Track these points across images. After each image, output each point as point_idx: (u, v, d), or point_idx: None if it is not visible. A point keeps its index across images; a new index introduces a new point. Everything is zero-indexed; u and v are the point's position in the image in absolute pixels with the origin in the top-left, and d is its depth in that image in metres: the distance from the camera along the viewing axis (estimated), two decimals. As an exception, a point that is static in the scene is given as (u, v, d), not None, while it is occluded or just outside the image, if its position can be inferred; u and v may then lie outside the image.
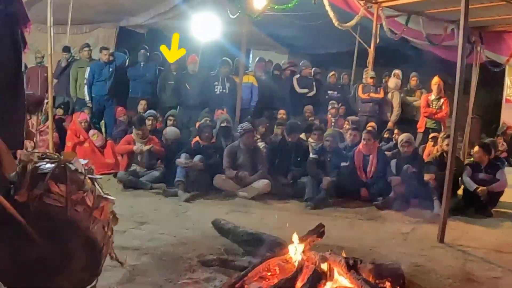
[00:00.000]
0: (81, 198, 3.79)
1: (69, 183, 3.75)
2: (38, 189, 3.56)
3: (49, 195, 3.62)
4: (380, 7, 13.78)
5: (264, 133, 12.02)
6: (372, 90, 14.03)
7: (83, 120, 12.09)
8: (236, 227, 6.86)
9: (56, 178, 3.71)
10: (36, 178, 3.62)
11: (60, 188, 3.68)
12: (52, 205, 3.62)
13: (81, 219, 3.79)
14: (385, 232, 8.20)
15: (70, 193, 3.72)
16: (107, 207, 4.06)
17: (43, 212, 3.59)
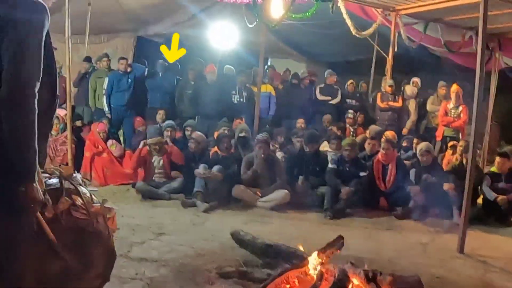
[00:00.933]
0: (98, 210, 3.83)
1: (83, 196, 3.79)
2: (63, 204, 3.58)
3: (76, 208, 3.65)
4: (398, 15, 13.74)
5: (283, 143, 12.00)
6: (390, 98, 13.97)
7: (101, 130, 12.12)
8: (254, 238, 6.84)
9: (73, 192, 3.74)
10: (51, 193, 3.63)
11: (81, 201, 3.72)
12: (80, 218, 3.65)
13: (103, 229, 3.84)
14: (404, 242, 8.16)
15: (88, 205, 3.75)
16: (115, 217, 4.10)
17: (73, 225, 3.62)
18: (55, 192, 3.64)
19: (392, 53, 14.38)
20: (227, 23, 14.33)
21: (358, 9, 13.96)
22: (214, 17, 15.54)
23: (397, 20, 13.76)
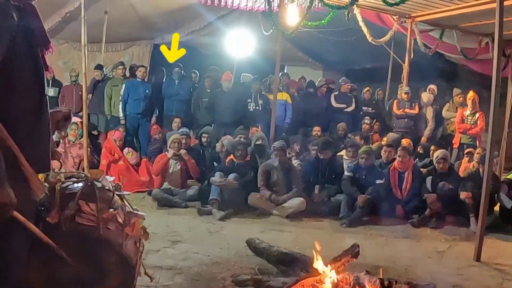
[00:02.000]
0: (112, 216, 3.81)
1: (99, 202, 3.77)
2: (69, 210, 3.58)
3: (81, 214, 3.64)
4: (414, 22, 13.74)
5: (299, 151, 11.99)
6: (407, 105, 13.94)
7: (117, 138, 12.17)
8: (270, 246, 6.84)
9: (86, 197, 3.73)
10: (65, 198, 3.64)
11: (91, 207, 3.71)
12: (84, 224, 3.63)
13: (113, 236, 3.80)
14: (420, 250, 8.11)
15: (101, 211, 3.74)
16: (138, 223, 4.07)
17: (76, 232, 3.61)
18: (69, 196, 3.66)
19: (408, 60, 14.36)
20: (243, 31, 14.34)
21: (374, 16, 13.98)
22: (230, 24, 15.60)
23: (413, 27, 13.77)
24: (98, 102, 14.39)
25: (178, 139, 11.18)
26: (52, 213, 3.44)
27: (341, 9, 11.39)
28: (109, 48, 16.89)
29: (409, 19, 13.79)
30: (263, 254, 6.84)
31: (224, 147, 11.49)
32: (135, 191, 11.42)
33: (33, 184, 3.17)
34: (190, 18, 16.04)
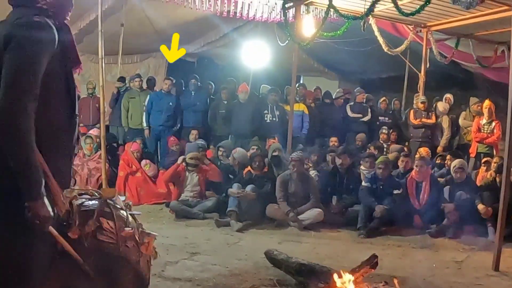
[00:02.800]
0: (130, 234, 3.86)
1: (116, 220, 3.82)
2: (89, 226, 3.62)
3: (102, 231, 3.68)
4: (429, 31, 13.74)
5: (316, 162, 12.00)
6: (423, 115, 13.89)
7: (135, 150, 12.22)
8: (288, 257, 6.86)
9: (104, 215, 3.78)
10: (82, 214, 3.68)
11: (110, 225, 3.75)
12: (105, 241, 3.67)
13: (131, 254, 3.85)
14: (439, 260, 8.08)
15: (119, 229, 3.78)
16: (152, 242, 4.12)
17: (97, 248, 3.64)
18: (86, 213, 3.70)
19: (424, 70, 14.36)
20: (259, 42, 14.40)
21: (390, 26, 14.00)
22: (246, 36, 15.64)
23: (428, 36, 13.77)
24: (118, 114, 14.49)
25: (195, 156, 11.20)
26: (73, 229, 3.48)
27: (356, 20, 11.40)
28: (125, 60, 17.01)
29: (424, 28, 13.78)
30: (281, 265, 6.86)
31: (236, 160, 11.50)
32: (153, 203, 11.50)
33: (58, 200, 3.22)
34: (206, 29, 16.11)
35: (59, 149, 3.29)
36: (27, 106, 2.97)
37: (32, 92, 3.01)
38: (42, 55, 3.08)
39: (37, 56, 3.05)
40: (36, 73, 3.03)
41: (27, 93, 2.98)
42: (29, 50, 3.03)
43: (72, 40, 3.40)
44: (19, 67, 2.99)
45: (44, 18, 3.17)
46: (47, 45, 3.12)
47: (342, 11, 11.45)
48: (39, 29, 3.10)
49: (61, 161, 3.33)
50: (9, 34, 3.06)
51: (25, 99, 2.97)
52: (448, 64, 14.63)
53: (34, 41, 3.06)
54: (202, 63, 18.93)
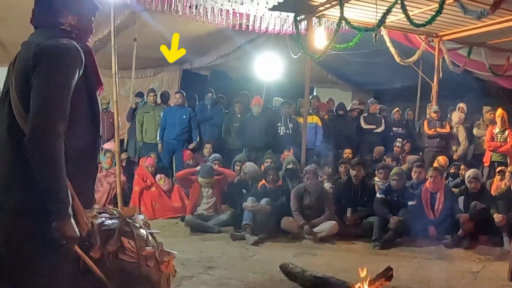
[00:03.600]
0: (151, 254, 3.87)
1: (137, 239, 3.83)
2: (111, 246, 3.64)
3: (124, 251, 3.68)
4: (441, 41, 13.79)
5: (330, 174, 12.00)
6: (437, 125, 13.84)
7: (149, 164, 12.27)
8: (304, 271, 6.89)
9: (124, 234, 3.76)
10: (103, 234, 3.69)
11: (131, 244, 3.76)
12: (127, 261, 3.67)
13: (152, 273, 3.84)
14: (454, 271, 8.07)
15: (140, 248, 3.79)
16: (172, 261, 4.13)
17: (119, 268, 3.66)
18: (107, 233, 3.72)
19: (437, 79, 14.38)
20: (271, 54, 14.44)
21: (402, 37, 14.05)
22: (259, 48, 15.70)
23: (440, 46, 13.83)
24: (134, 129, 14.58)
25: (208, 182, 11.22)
26: (95, 248, 3.50)
27: (368, 31, 11.44)
28: (139, 75, 17.08)
29: (436, 38, 13.83)
30: (296, 278, 6.89)
31: (247, 174, 11.53)
32: (168, 217, 11.52)
33: (81, 219, 3.25)
34: (219, 42, 16.20)
35: (84, 170, 3.33)
36: (58, 127, 3.01)
37: (63, 113, 3.05)
38: (71, 77, 3.13)
39: (66, 78, 3.10)
40: (66, 95, 3.08)
41: (58, 114, 3.03)
42: (59, 72, 3.08)
43: (95, 61, 3.44)
44: (51, 90, 3.04)
45: (70, 40, 3.22)
46: (76, 67, 3.17)
47: (353, 22, 11.52)
48: (68, 52, 3.15)
49: (85, 181, 3.37)
50: (38, 55, 3.10)
51: (57, 120, 3.02)
52: (461, 73, 14.63)
53: (64, 63, 3.11)
54: (216, 76, 18.98)
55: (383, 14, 10.54)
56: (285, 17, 13.58)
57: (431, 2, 10.80)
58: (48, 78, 3.05)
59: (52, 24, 3.31)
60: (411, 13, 10.55)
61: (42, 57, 3.09)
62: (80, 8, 3.40)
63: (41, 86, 3.05)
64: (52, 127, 2.99)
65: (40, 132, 2.98)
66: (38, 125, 2.99)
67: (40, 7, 3.37)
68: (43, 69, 3.06)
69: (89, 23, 3.49)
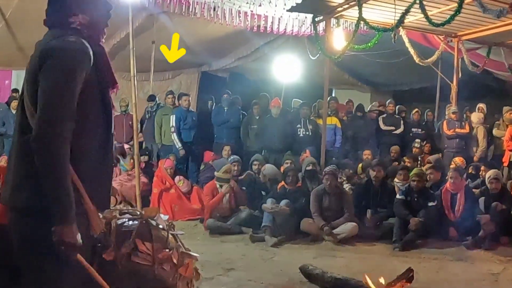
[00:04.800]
0: (168, 256, 3.82)
1: (154, 241, 3.79)
2: (125, 248, 3.60)
3: (137, 253, 3.63)
4: (460, 41, 13.73)
5: (350, 175, 11.96)
6: (457, 125, 13.77)
7: (168, 166, 12.27)
8: (323, 272, 6.87)
9: (142, 236, 3.71)
10: (120, 235, 3.66)
11: (147, 246, 3.72)
12: (140, 263, 3.63)
13: (168, 277, 3.79)
14: (475, 273, 8.01)
15: (157, 251, 3.73)
16: (192, 264, 4.09)
17: (131, 270, 3.62)
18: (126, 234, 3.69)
19: (456, 80, 14.32)
20: (290, 56, 14.43)
21: (420, 37, 14.01)
22: (277, 50, 15.73)
23: (459, 45, 13.77)
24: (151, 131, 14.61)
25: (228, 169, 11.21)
26: (108, 250, 3.48)
27: (387, 31, 11.42)
28: (157, 77, 17.11)
29: (455, 38, 13.78)
30: (316, 280, 6.87)
31: (266, 176, 11.50)
32: (187, 219, 11.53)
33: (93, 220, 3.22)
34: (237, 44, 16.22)
35: (97, 169, 3.31)
36: (63, 129, 2.98)
37: (67, 113, 3.02)
38: (77, 75, 3.09)
39: (72, 76, 3.06)
40: (71, 93, 3.05)
41: (62, 115, 3.00)
42: (64, 70, 3.05)
43: (107, 60, 3.41)
44: (54, 88, 3.02)
45: (79, 38, 3.19)
46: (82, 65, 3.13)
47: (372, 23, 11.50)
48: (74, 49, 3.12)
49: (99, 181, 3.34)
50: (43, 55, 3.09)
51: (61, 121, 2.98)
52: (480, 73, 14.56)
53: (68, 61, 3.08)
54: (234, 79, 18.99)
55: (402, 14, 10.51)
56: (303, 18, 13.58)
57: (450, 2, 10.77)
58: (52, 77, 3.04)
59: (62, 24, 3.29)
60: (429, 13, 10.52)
61: (47, 56, 3.08)
62: (93, 7, 3.37)
63: (46, 85, 3.04)
64: (56, 128, 2.97)
65: (44, 132, 2.97)
66: (42, 125, 2.97)
67: (51, 7, 3.36)
68: (48, 68, 3.05)
69: (102, 23, 3.45)
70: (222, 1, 12.45)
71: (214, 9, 12.64)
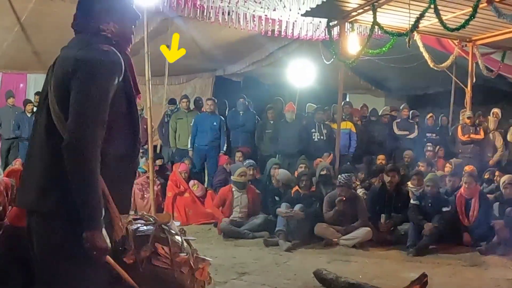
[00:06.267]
0: (185, 260, 3.85)
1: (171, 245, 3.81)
2: (144, 251, 3.62)
3: (157, 257, 3.66)
4: (475, 45, 13.70)
5: (364, 179, 11.94)
6: (472, 130, 13.70)
7: (183, 170, 12.30)
8: (337, 277, 6.87)
9: (159, 240, 3.72)
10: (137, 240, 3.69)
11: (165, 250, 3.74)
12: (160, 267, 3.63)
13: (186, 280, 3.80)
14: (489, 278, 7.98)
15: (174, 255, 3.77)
16: (207, 268, 4.11)
17: (152, 274, 3.64)
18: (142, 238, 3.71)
19: (470, 84, 14.28)
20: (304, 61, 14.42)
21: (435, 42, 13.99)
22: (291, 54, 15.73)
23: (474, 50, 13.73)
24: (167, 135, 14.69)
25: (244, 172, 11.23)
26: (129, 254, 3.49)
27: (401, 36, 11.41)
28: (172, 81, 17.18)
29: (469, 42, 13.75)
30: (330, 285, 6.88)
31: (279, 181, 11.49)
32: (201, 223, 11.55)
33: (116, 225, 3.25)
34: (251, 49, 16.25)
35: (122, 176, 3.33)
36: (96, 135, 3.01)
37: (101, 121, 3.05)
38: (111, 84, 3.12)
39: (106, 85, 3.09)
40: (104, 101, 3.07)
41: (96, 122, 3.03)
42: (99, 79, 3.07)
43: (133, 69, 3.44)
44: (89, 96, 3.03)
45: (111, 48, 3.22)
46: (115, 74, 3.16)
47: (386, 27, 11.51)
48: (108, 58, 3.14)
49: (123, 187, 3.36)
50: (77, 61, 3.10)
51: (94, 127, 3.01)
52: (494, 78, 14.52)
53: (103, 70, 3.10)
54: (248, 83, 19.01)
55: (416, 18, 10.51)
56: (317, 22, 13.59)
57: (464, 6, 10.77)
58: (86, 85, 3.05)
59: (93, 30, 3.31)
60: (444, 17, 10.52)
61: (82, 63, 3.09)
62: (122, 16, 3.40)
63: (80, 93, 3.05)
64: (89, 135, 2.99)
65: (77, 139, 2.98)
66: (75, 132, 2.99)
67: (81, 11, 3.36)
68: (82, 75, 3.06)
69: (129, 31, 3.49)
70: (237, 5, 12.47)
71: (228, 14, 12.68)
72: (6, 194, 6.85)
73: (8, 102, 15.47)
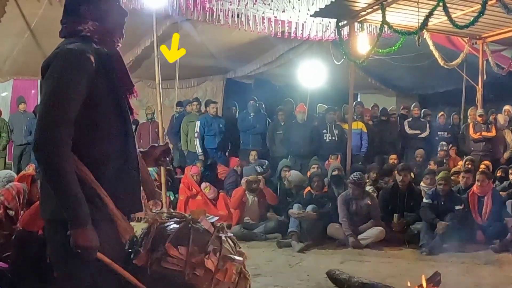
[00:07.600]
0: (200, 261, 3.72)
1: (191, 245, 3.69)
2: (157, 252, 3.56)
3: (167, 258, 3.58)
4: (485, 43, 13.66)
5: (376, 179, 11.92)
6: (483, 128, 13.65)
7: (195, 173, 12.27)
8: (350, 277, 6.86)
9: (178, 240, 3.57)
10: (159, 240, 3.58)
11: (180, 251, 3.63)
12: (169, 269, 3.52)
13: (201, 282, 3.60)
14: (503, 276, 7.96)
15: (191, 255, 3.64)
16: (232, 269, 3.91)
17: (160, 276, 3.57)
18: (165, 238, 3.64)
19: (481, 82, 14.22)
20: (314, 61, 14.40)
21: (445, 40, 13.95)
22: (302, 55, 15.72)
23: (484, 47, 13.68)
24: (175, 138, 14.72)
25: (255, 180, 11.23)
26: (140, 255, 3.45)
27: (411, 35, 11.39)
28: (183, 85, 17.20)
29: (480, 40, 13.71)
30: (343, 285, 6.87)
31: (291, 183, 11.47)
32: (214, 226, 11.54)
33: (120, 226, 3.23)
34: (262, 51, 16.26)
35: (118, 173, 3.31)
36: (60, 135, 2.99)
37: (66, 120, 3.02)
38: (75, 82, 3.08)
39: (68, 84, 3.06)
40: (69, 100, 3.04)
41: (59, 121, 3.01)
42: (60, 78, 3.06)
43: (123, 65, 3.42)
44: (51, 96, 3.04)
45: (81, 44, 3.19)
46: (81, 71, 3.11)
47: (396, 26, 11.48)
48: (70, 54, 3.12)
49: (123, 185, 3.33)
50: (45, 65, 3.15)
51: (58, 127, 2.99)
52: (505, 75, 14.45)
53: (64, 66, 3.09)
54: (259, 85, 19.00)
55: (425, 17, 10.48)
56: (327, 23, 13.59)
57: (473, 4, 10.74)
58: (49, 86, 3.07)
59: (72, 32, 3.31)
60: (453, 15, 10.50)
61: (46, 65, 3.13)
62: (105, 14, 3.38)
63: (43, 92, 3.09)
64: (52, 135, 2.98)
65: (42, 139, 2.99)
66: (39, 133, 3.00)
67: (65, 17, 3.39)
68: (47, 75, 3.10)
69: (115, 28, 3.45)
70: (246, 7, 12.48)
71: (238, 16, 12.70)
72: (18, 199, 6.87)
73: (20, 108, 15.51)
